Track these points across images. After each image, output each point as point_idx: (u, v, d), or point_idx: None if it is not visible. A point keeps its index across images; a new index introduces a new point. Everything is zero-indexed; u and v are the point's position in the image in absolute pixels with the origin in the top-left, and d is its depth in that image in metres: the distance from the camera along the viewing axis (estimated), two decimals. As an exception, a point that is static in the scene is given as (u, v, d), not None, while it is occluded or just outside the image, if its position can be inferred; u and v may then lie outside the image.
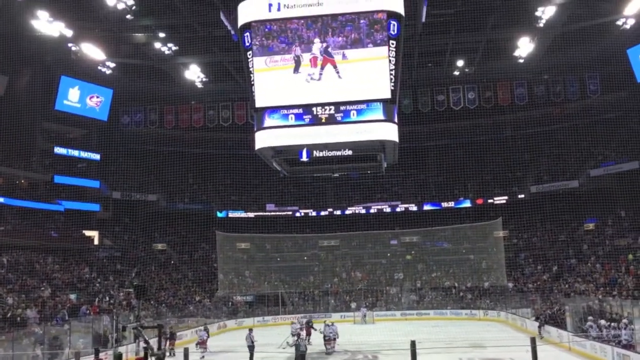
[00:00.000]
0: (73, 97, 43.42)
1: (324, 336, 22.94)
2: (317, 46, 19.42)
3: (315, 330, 25.12)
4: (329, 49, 19.39)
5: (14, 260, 34.12)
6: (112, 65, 39.69)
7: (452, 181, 50.47)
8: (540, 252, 42.62)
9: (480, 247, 44.89)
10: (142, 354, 8.48)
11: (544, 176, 47.31)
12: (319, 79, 19.46)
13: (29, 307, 27.71)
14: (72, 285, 34.50)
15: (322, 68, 19.46)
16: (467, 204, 48.75)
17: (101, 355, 8.91)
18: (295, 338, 21.63)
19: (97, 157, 46.58)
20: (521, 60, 39.31)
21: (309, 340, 25.50)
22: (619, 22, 34.21)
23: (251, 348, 21.71)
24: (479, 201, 48.25)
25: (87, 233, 43.35)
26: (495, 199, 47.65)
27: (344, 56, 19.28)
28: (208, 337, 25.76)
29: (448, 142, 51.24)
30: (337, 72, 19.38)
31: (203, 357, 23.99)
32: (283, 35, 19.65)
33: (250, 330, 23.34)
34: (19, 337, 21.07)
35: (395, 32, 18.97)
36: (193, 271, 45.55)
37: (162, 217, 46.50)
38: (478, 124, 50.34)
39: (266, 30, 19.74)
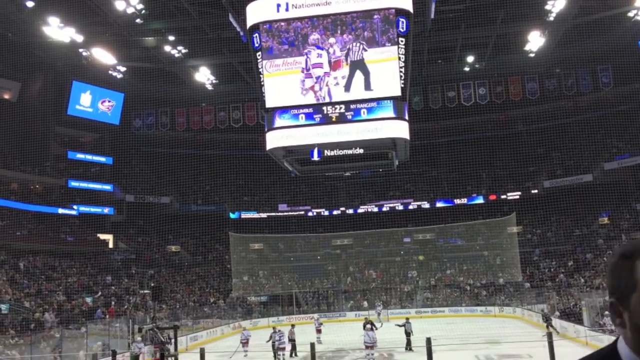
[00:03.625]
0: (85, 101, 43.80)
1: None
2: (330, 48, 19.38)
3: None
4: (346, 51, 19.34)
5: (30, 265, 34.47)
6: (123, 69, 40.02)
7: (465, 177, 50.22)
8: (555, 247, 42.32)
9: (494, 243, 44.68)
10: (158, 355, 8.53)
11: (557, 170, 46.97)
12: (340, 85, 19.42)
13: (47, 311, 27.97)
14: (87, 289, 34.77)
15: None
16: (480, 200, 48.51)
17: (118, 357, 8.97)
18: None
19: (109, 160, 46.95)
20: (532, 55, 39.04)
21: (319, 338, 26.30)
22: (631, 14, 33.91)
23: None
24: (492, 197, 47.98)
25: (102, 236, 43.70)
26: (509, 194, 47.36)
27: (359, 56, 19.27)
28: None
29: (460, 138, 50.98)
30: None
31: (246, 355, 23.93)
32: (292, 36, 19.66)
33: (293, 326, 24.37)
34: (36, 340, 21.27)
35: (405, 29, 18.93)
36: (207, 272, 45.73)
37: (176, 219, 46.75)
38: (489, 120, 50.07)
39: (275, 31, 19.76)
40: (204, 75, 41.44)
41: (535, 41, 37.03)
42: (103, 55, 36.46)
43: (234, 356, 22.57)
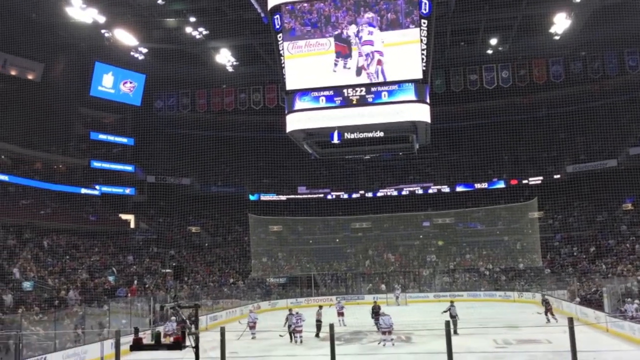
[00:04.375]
0: (107, 82, 44.18)
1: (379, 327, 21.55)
2: (352, 30, 19.15)
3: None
4: (363, 33, 19.10)
5: (53, 243, 35.09)
6: (145, 50, 40.19)
7: (486, 162, 49.78)
8: (577, 232, 41.87)
9: (515, 228, 44.34)
10: (179, 333, 8.65)
11: (580, 155, 46.30)
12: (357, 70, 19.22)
13: (71, 289, 28.50)
14: (109, 267, 35.33)
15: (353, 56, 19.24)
16: (501, 184, 48.11)
17: (140, 334, 9.16)
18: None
19: (131, 141, 47.40)
20: (557, 37, 38.30)
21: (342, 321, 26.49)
22: (661, -5, 33.03)
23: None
24: (514, 182, 47.54)
25: (124, 216, 44.28)
26: (530, 179, 46.90)
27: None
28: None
29: (481, 122, 50.39)
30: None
31: (254, 337, 24.15)
32: (314, 18, 19.47)
33: (321, 307, 24.78)
34: (60, 317, 21.71)
35: (427, 10, 18.61)
36: (226, 253, 46.16)
37: (196, 200, 47.14)
38: (512, 103, 49.36)
39: (297, 12, 19.57)
40: (224, 57, 41.47)
41: (561, 23, 36.31)
42: (125, 37, 36.62)
43: (242, 338, 22.82)
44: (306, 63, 19.66)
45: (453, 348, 8.02)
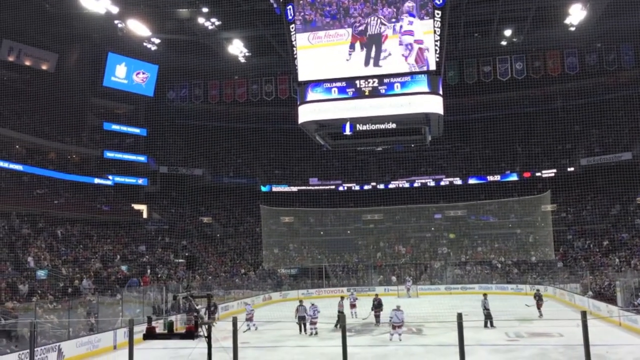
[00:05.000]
0: (120, 73, 44.36)
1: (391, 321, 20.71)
2: (364, 22, 19.06)
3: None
4: (376, 26, 19.02)
5: (67, 233, 35.41)
6: (157, 41, 40.26)
7: (499, 154, 49.48)
8: (590, 226, 41.56)
9: (527, 222, 44.07)
10: (192, 323, 8.71)
11: (595, 148, 45.87)
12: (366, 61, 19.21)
13: (84, 278, 28.76)
14: (122, 257, 35.62)
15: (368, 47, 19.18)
16: (514, 177, 47.82)
17: (153, 323, 9.23)
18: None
19: (144, 132, 47.62)
20: (572, 28, 37.85)
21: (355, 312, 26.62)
22: (679, -14, 32.51)
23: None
24: (527, 174, 47.24)
25: (136, 207, 44.55)
26: (544, 172, 46.55)
27: (394, 30, 18.94)
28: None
29: (494, 114, 50.05)
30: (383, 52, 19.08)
31: (256, 329, 24.18)
32: (328, 9, 19.42)
33: (342, 298, 25.61)
34: (74, 305, 21.94)
35: (441, 1, 18.52)
36: (238, 244, 46.35)
37: (208, 191, 47.31)
38: (526, 95, 48.98)
39: (317, 5, 19.52)
40: (237, 48, 41.46)
41: (576, 14, 35.86)
42: (138, 27, 36.69)
43: (246, 333, 22.85)
44: (320, 54, 19.64)
45: (465, 341, 8.00)
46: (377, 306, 24.30)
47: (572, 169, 45.48)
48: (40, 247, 31.04)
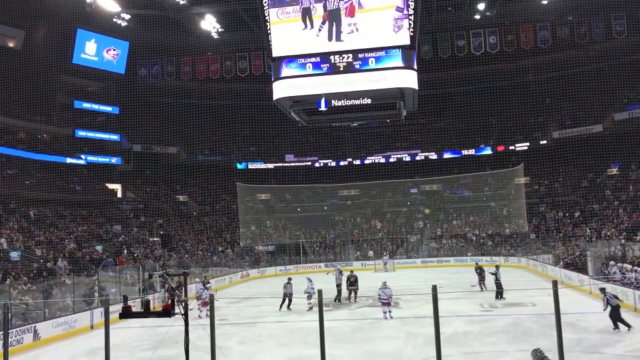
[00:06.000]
0: (90, 50, 43.39)
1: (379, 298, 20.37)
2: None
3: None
4: (334, 2, 18.83)
5: (40, 214, 34.88)
6: (127, 17, 39.37)
7: (473, 128, 49.81)
8: (562, 198, 42.34)
9: (501, 194, 44.75)
10: (169, 302, 8.69)
11: (566, 121, 46.52)
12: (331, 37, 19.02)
13: (59, 258, 28.46)
14: (97, 237, 35.28)
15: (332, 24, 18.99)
16: (487, 151, 48.36)
17: (129, 302, 9.19)
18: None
19: (116, 110, 46.83)
20: (545, 2, 38.09)
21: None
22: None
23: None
24: (500, 148, 47.79)
25: (110, 186, 44.02)
26: (517, 145, 47.16)
27: (359, 5, 18.75)
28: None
29: (468, 88, 50.33)
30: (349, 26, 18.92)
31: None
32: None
33: (340, 272, 25.13)
34: (49, 287, 21.72)
35: (414, -26, 18.38)
36: (215, 222, 46.20)
37: (183, 169, 46.92)
38: (499, 69, 49.24)
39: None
40: (209, 23, 40.78)
41: (548, -13, 36.00)
42: (107, 2, 35.85)
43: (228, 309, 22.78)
44: (292, 29, 19.42)
45: (440, 312, 8.13)
46: (353, 283, 24.37)
47: (544, 142, 46.12)
48: (12, 228, 30.55)
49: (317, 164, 50.61)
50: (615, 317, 15.70)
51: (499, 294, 22.61)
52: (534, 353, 8.42)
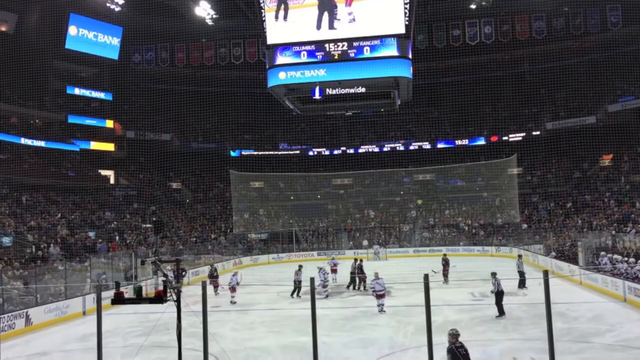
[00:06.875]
0: (83, 35, 42.97)
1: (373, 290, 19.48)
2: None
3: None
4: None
5: (32, 199, 34.74)
6: (121, 2, 39.06)
7: (467, 118, 49.93)
8: (554, 188, 42.54)
9: (494, 185, 44.90)
10: (161, 288, 8.69)
11: (560, 112, 46.62)
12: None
13: (52, 244, 28.39)
14: (90, 223, 35.19)
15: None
16: (481, 141, 48.43)
17: (122, 288, 9.18)
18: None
19: (109, 96, 46.53)
20: (540, -8, 37.94)
21: (334, 278, 26.22)
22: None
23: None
24: (494, 138, 47.88)
25: (103, 172, 43.85)
26: (511, 136, 47.25)
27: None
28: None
29: (463, 78, 50.33)
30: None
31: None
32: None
33: (356, 260, 25.12)
34: (41, 272, 21.71)
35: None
36: (208, 209, 46.17)
37: (177, 156, 46.76)
38: (494, 59, 49.29)
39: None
40: (203, 10, 40.52)
41: (544, -22, 35.92)
42: (100, -13, 35.52)
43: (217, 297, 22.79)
44: (288, 16, 19.36)
45: (431, 301, 8.18)
46: (360, 271, 24.06)
47: (538, 132, 46.24)
48: (4, 213, 30.43)
49: (310, 153, 50.60)
50: (497, 302, 16.81)
51: (522, 282, 22.23)
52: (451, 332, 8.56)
